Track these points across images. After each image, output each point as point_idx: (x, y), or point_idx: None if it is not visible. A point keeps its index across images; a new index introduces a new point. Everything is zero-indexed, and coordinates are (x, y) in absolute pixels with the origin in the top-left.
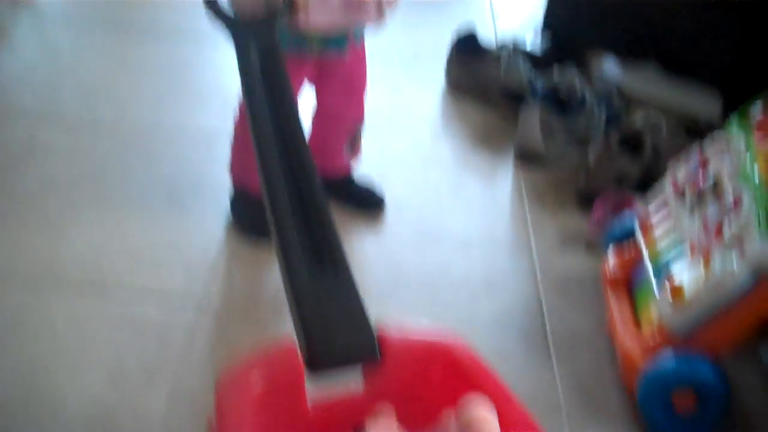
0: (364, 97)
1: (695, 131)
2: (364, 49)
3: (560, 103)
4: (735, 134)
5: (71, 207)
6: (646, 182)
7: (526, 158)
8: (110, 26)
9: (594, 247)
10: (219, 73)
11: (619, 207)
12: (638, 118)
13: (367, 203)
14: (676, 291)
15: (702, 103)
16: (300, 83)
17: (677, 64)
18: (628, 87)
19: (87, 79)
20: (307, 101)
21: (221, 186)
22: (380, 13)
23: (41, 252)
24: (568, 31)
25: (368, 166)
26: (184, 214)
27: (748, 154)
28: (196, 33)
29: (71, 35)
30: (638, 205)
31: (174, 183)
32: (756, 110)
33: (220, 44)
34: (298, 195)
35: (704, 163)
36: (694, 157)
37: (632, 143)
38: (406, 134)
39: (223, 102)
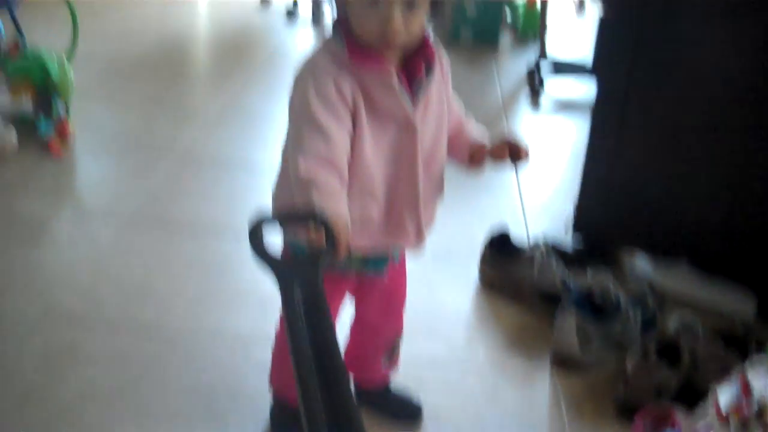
0: (403, 310)
1: (732, 336)
2: (404, 265)
3: (595, 308)
4: None
5: (108, 419)
6: (685, 392)
7: (563, 364)
8: (151, 221)
9: None
10: (257, 272)
11: (660, 422)
12: (673, 321)
13: (405, 414)
14: None
15: (736, 303)
16: (341, 298)
17: (709, 262)
18: (661, 285)
19: (127, 278)
20: (346, 312)
21: (259, 394)
22: (419, 236)
23: None
24: (599, 228)
25: (404, 370)
26: (222, 426)
27: None
28: (235, 228)
29: (112, 231)
30: (681, 424)
31: (212, 391)
32: None
33: None
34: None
35: (746, 388)
36: (736, 380)
37: (669, 351)
38: (441, 336)
39: (261, 304)
